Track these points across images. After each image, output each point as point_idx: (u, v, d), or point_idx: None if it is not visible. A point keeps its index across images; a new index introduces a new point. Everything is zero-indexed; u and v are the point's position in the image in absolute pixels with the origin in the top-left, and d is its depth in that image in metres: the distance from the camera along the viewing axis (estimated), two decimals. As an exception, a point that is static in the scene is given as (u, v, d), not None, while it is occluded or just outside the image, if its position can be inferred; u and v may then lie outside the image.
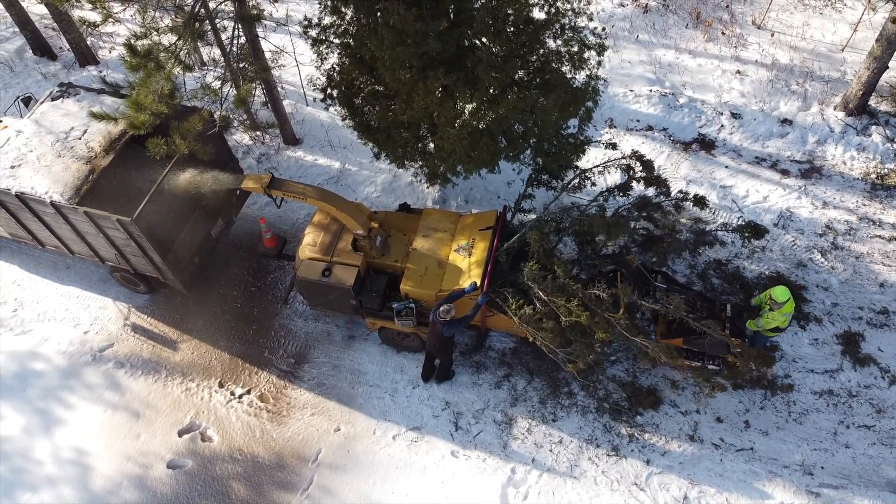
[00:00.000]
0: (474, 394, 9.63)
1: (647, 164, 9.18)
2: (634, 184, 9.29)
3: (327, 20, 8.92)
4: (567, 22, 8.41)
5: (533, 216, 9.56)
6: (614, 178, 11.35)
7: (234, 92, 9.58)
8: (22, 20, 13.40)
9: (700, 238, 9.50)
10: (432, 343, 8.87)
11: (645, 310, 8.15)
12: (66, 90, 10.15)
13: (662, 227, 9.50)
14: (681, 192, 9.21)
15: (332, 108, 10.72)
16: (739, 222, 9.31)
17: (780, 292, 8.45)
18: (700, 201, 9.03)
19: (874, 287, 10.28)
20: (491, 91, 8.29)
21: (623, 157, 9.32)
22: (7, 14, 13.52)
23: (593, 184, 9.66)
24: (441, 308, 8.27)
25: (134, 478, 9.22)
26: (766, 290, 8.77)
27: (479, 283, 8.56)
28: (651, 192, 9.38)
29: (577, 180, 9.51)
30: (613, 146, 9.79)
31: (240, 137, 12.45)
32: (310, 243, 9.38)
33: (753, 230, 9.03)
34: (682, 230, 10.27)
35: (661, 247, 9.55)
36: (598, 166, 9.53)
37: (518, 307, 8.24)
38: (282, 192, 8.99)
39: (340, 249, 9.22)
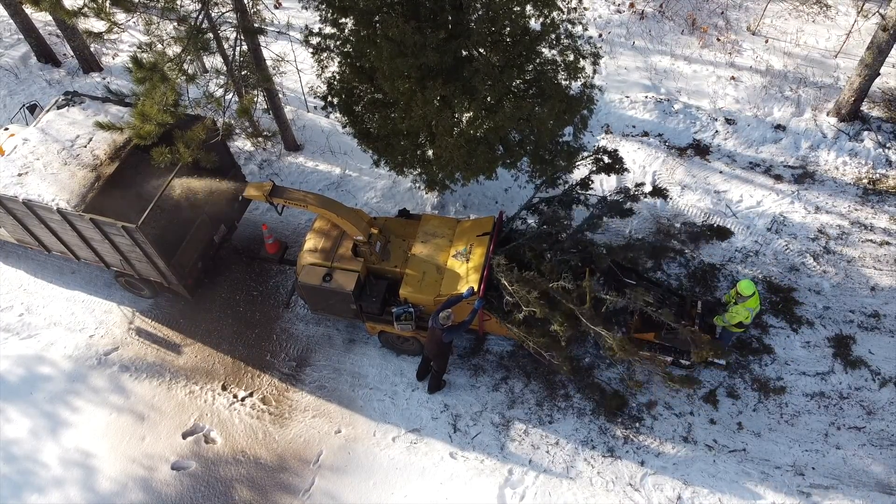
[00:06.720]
0: (472, 396, 9.80)
1: (614, 155, 9.35)
2: (596, 177, 9.44)
3: (328, 30, 9.10)
4: (562, 31, 8.58)
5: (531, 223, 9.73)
6: (609, 183, 11.57)
7: (237, 100, 9.75)
8: (27, 27, 13.56)
9: (664, 241, 9.61)
10: (430, 348, 9.05)
11: (614, 304, 8.24)
12: (72, 98, 10.31)
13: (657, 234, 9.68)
14: (637, 185, 9.28)
15: (332, 116, 10.90)
16: (702, 224, 9.41)
17: (745, 285, 8.63)
18: (659, 193, 9.17)
19: (865, 291, 10.46)
20: (488, 100, 8.48)
21: (590, 154, 9.56)
22: (12, 21, 13.68)
23: (565, 182, 9.93)
24: (440, 314, 8.45)
25: (139, 479, 9.40)
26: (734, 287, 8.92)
27: (476, 288, 8.74)
28: (612, 184, 9.47)
29: (548, 180, 9.81)
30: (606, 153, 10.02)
31: (242, 144, 12.62)
32: (311, 249, 9.55)
33: (717, 232, 9.20)
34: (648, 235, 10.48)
35: (639, 249, 9.64)
36: (569, 164, 9.71)
37: (507, 312, 8.41)
38: (283, 200, 9.13)
39: (341, 255, 9.40)
